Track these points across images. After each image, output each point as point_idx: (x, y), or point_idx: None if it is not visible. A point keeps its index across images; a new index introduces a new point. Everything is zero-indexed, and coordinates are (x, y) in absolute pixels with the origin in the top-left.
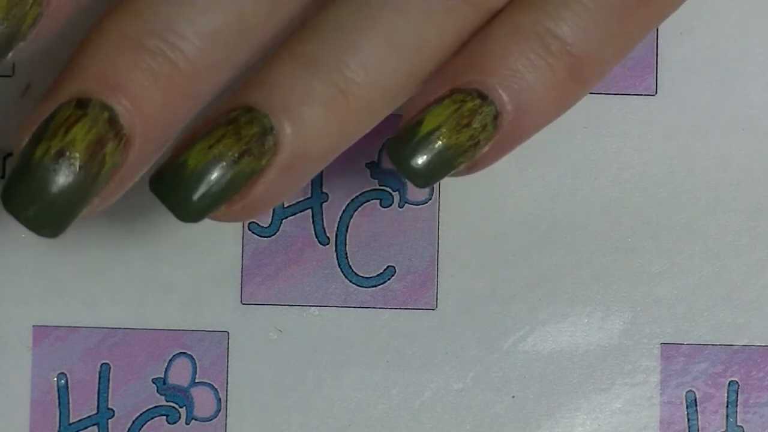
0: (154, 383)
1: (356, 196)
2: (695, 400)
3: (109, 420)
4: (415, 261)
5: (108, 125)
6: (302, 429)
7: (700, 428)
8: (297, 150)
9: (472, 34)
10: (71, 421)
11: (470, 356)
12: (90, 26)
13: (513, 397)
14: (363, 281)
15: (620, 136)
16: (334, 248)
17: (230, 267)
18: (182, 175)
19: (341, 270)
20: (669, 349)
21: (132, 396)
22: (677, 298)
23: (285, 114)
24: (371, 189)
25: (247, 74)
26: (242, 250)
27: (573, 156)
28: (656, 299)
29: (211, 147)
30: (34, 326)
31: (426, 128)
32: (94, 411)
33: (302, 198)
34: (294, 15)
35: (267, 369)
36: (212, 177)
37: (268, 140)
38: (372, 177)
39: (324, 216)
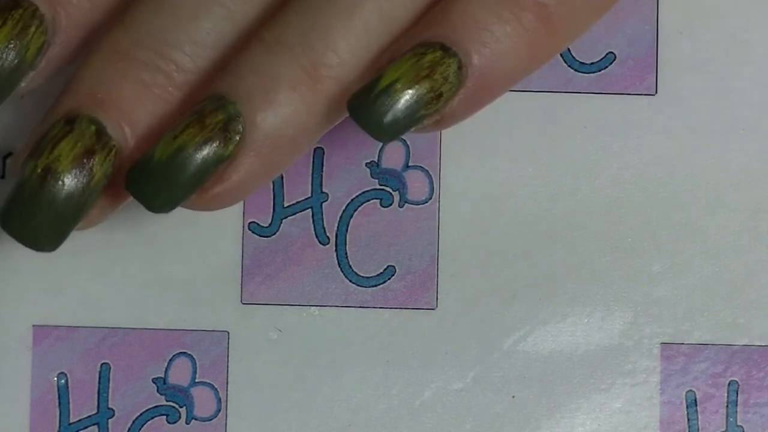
0: (154, 383)
1: (356, 196)
2: (695, 400)
3: (109, 420)
4: (415, 261)
5: (95, 137)
6: (302, 429)
7: (700, 428)
8: (265, 135)
9: None
10: (71, 421)
11: (470, 356)
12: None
13: (513, 397)
14: (363, 281)
15: (620, 136)
16: (334, 248)
17: (230, 267)
18: (149, 167)
19: (341, 270)
20: (669, 349)
21: (132, 396)
22: (677, 298)
23: (250, 99)
24: (371, 189)
25: None
26: (242, 250)
27: (573, 156)
28: (656, 299)
29: (176, 137)
30: (34, 326)
31: (385, 81)
32: (94, 411)
33: (302, 198)
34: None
35: (267, 369)
36: (178, 166)
37: (234, 126)
38: (372, 177)
39: (324, 216)
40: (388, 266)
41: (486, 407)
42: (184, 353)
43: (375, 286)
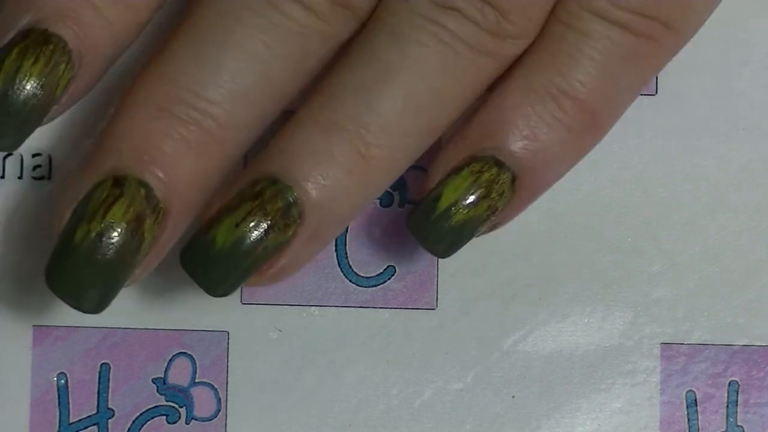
0: (154, 383)
1: None
2: (695, 400)
3: (109, 420)
4: (415, 261)
5: (145, 202)
6: (302, 429)
7: (701, 428)
8: (321, 218)
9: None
10: (71, 421)
11: (470, 356)
12: (125, 91)
13: (513, 397)
14: (363, 281)
15: (620, 136)
16: (334, 248)
17: None
18: (211, 254)
19: (341, 270)
20: (669, 349)
21: (132, 396)
22: (677, 298)
23: (308, 184)
24: None
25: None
26: None
27: None
28: (656, 299)
29: (238, 225)
30: (35, 326)
31: (445, 203)
32: (94, 411)
33: None
34: (317, 69)
35: (267, 369)
36: (240, 254)
37: (293, 212)
38: None
39: None
40: (388, 266)
41: (486, 407)
42: (184, 353)
43: (375, 286)
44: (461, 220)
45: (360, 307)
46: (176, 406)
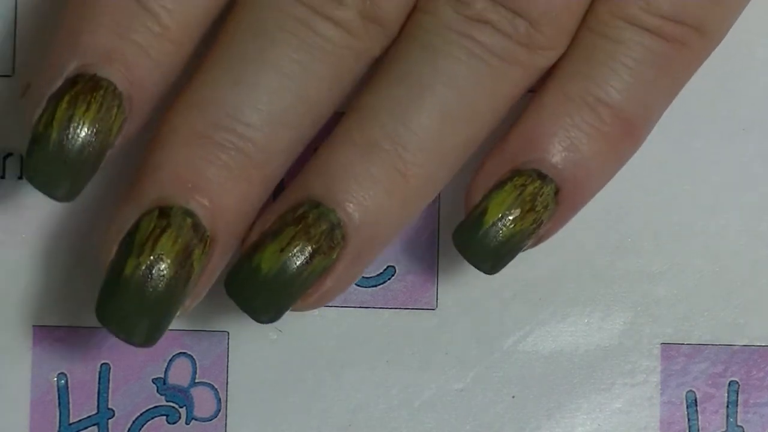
0: (154, 383)
1: None
2: (695, 400)
3: (109, 420)
4: (415, 261)
5: (192, 231)
6: (302, 429)
7: (701, 428)
8: (364, 240)
9: (524, 94)
10: (71, 421)
11: (470, 356)
12: (159, 120)
13: (513, 397)
14: (363, 281)
15: None
16: None
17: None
18: (256, 282)
19: None
20: (669, 349)
21: (132, 396)
22: (677, 298)
23: (350, 206)
24: None
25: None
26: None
27: None
28: (656, 299)
29: (283, 250)
30: (35, 326)
31: (491, 218)
32: (94, 411)
33: None
34: (352, 86)
35: (267, 369)
36: (285, 281)
37: (336, 235)
38: None
39: None
40: (388, 266)
41: (486, 407)
42: (184, 353)
43: (375, 286)
44: (508, 235)
45: (360, 308)
46: (176, 407)
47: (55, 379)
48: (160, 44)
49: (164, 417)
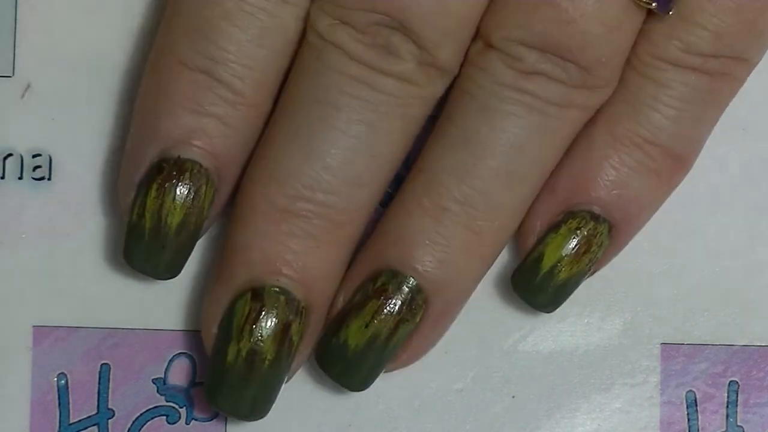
0: (154, 383)
1: None
2: (695, 400)
3: (109, 420)
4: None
5: (287, 308)
6: (302, 428)
7: (701, 428)
8: (445, 299)
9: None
10: (71, 422)
11: (470, 356)
12: (238, 197)
13: (513, 397)
14: None
15: None
16: None
17: None
18: (346, 357)
19: None
20: (669, 349)
21: (132, 396)
22: (677, 299)
23: (428, 271)
24: None
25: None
26: None
27: None
28: (656, 299)
29: (368, 325)
30: (35, 326)
31: (547, 263)
32: (94, 411)
33: None
34: (419, 130)
35: None
36: (374, 352)
37: (418, 300)
38: None
39: None
40: None
41: (486, 407)
42: (184, 353)
43: None
44: (566, 278)
45: None
46: (176, 407)
47: (55, 380)
48: (237, 112)
49: (164, 417)
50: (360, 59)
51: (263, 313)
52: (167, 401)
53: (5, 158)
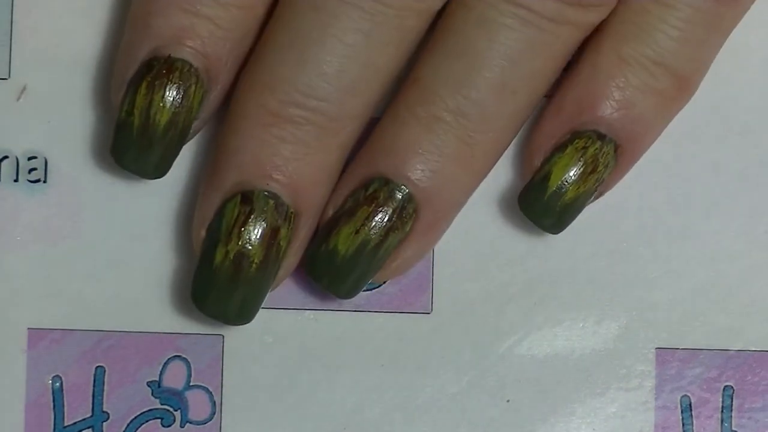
0: (149, 386)
1: None
2: (690, 405)
3: (104, 423)
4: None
5: (276, 212)
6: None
7: None
8: (436, 209)
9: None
10: (66, 424)
11: (465, 360)
12: (231, 101)
13: (508, 401)
14: None
15: None
16: None
17: None
18: (335, 263)
19: None
20: (664, 354)
21: (127, 399)
22: (672, 303)
23: (419, 180)
24: None
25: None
26: None
27: None
28: (651, 304)
29: (358, 231)
30: (29, 329)
31: (555, 182)
32: (89, 414)
33: None
34: (416, 44)
35: (262, 372)
36: (363, 259)
37: (408, 208)
38: None
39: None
40: None
41: (481, 411)
42: (179, 356)
43: (370, 290)
44: (573, 197)
45: (355, 311)
46: (171, 410)
47: (50, 382)
48: (229, 13)
49: (159, 420)
50: None
51: (252, 217)
52: (162, 404)
53: (1, 160)
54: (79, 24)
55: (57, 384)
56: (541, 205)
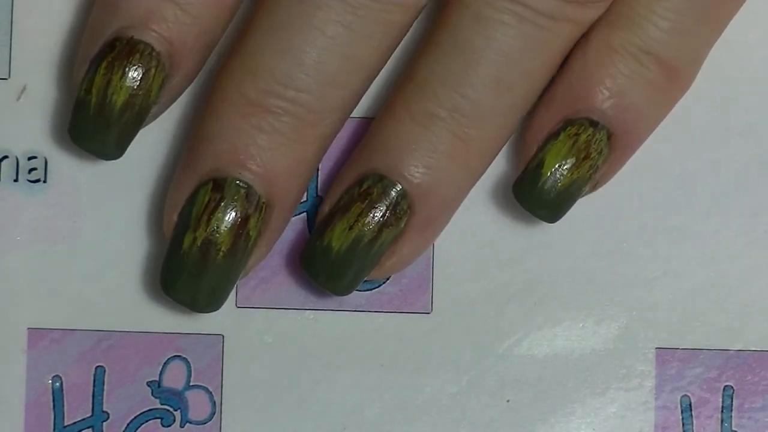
0: (149, 386)
1: None
2: (690, 405)
3: (104, 423)
4: (410, 265)
5: (247, 201)
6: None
7: None
8: (431, 206)
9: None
10: (66, 424)
11: (465, 360)
12: (211, 87)
13: (508, 401)
14: None
15: None
16: None
17: None
18: (329, 259)
19: None
20: (664, 354)
21: (127, 399)
22: (672, 303)
23: (413, 176)
24: None
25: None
26: None
27: None
28: (651, 304)
29: (352, 227)
30: (29, 329)
31: (548, 169)
32: (89, 414)
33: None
34: (401, 39)
35: (262, 372)
36: (357, 255)
37: (402, 205)
38: None
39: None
40: None
41: (481, 411)
42: (179, 356)
43: (370, 290)
44: (567, 184)
45: (355, 311)
46: (171, 410)
47: (50, 382)
48: (198, 0)
49: (159, 420)
50: None
51: (222, 204)
52: (162, 404)
53: (1, 160)
54: (79, 24)
55: (57, 384)
56: (536, 193)
